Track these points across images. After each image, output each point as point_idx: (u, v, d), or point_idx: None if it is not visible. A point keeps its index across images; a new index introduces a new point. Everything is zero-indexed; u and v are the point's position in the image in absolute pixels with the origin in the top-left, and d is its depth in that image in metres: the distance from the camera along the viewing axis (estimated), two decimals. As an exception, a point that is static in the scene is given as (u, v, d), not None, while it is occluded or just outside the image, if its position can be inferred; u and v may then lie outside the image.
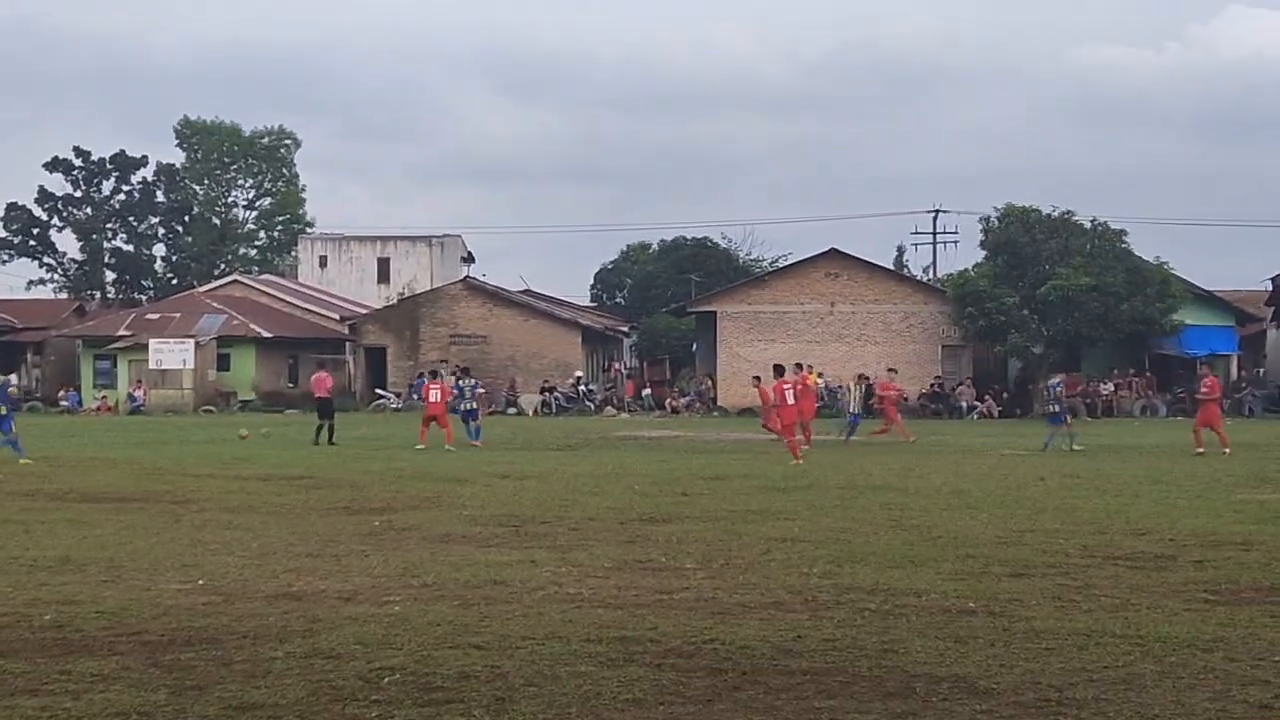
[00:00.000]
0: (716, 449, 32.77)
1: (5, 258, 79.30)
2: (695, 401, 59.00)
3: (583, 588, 12.04)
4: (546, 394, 60.15)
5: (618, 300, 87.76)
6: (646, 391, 62.23)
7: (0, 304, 72.88)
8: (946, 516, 17.71)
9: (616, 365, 70.30)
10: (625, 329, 78.06)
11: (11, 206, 78.08)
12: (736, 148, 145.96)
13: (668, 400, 59.80)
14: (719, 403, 58.17)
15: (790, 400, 29.19)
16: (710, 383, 59.74)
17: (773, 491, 21.26)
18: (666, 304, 74.88)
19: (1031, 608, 11.06)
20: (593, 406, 59.10)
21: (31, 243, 79.49)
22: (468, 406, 34.19)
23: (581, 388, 60.95)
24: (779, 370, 30.82)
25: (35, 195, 78.77)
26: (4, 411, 27.25)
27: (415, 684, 8.47)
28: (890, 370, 44.61)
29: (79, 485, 21.99)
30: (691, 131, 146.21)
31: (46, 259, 79.93)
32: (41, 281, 79.86)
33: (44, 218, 79.22)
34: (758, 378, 33.88)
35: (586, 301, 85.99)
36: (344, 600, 11.43)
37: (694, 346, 69.01)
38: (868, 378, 41.49)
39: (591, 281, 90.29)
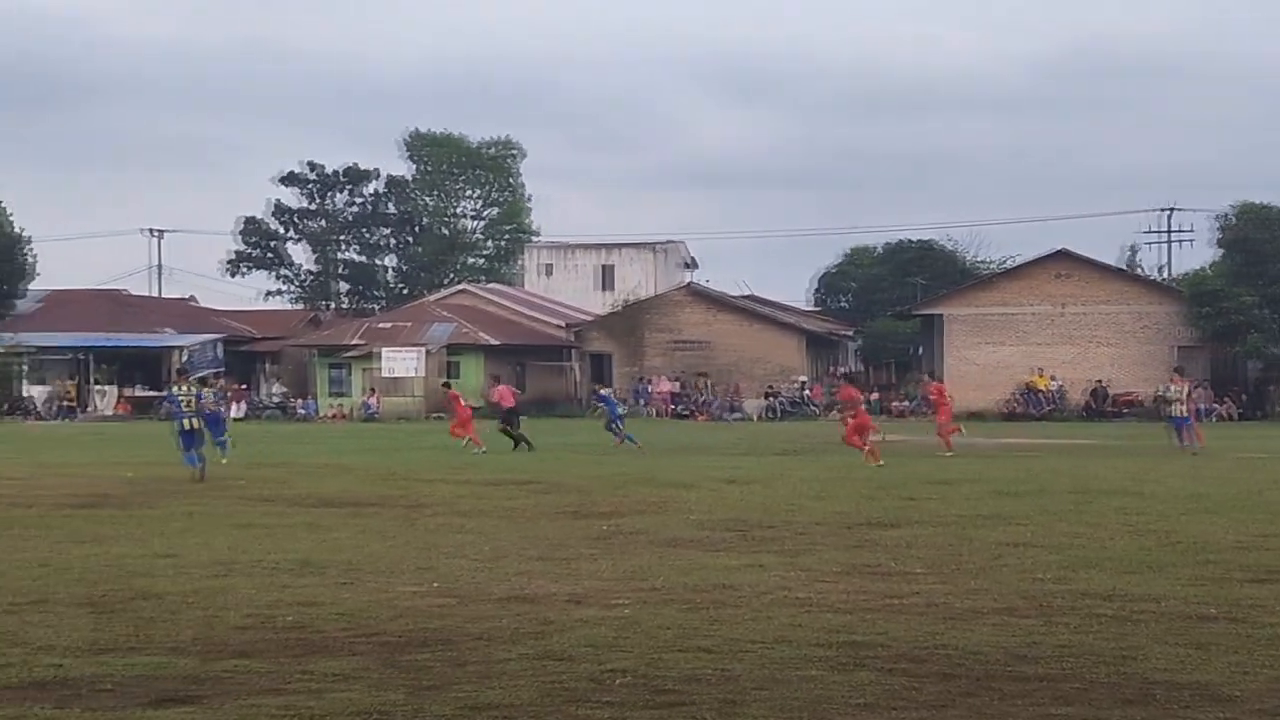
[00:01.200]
0: (942, 453, 32.34)
1: (243, 270, 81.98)
2: (919, 405, 58.33)
3: (810, 592, 11.99)
4: (770, 399, 60.06)
5: (841, 304, 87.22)
6: (874, 396, 61.71)
7: (238, 315, 75.30)
8: (1184, 521, 17.25)
9: (839, 370, 69.81)
10: (849, 333, 77.54)
11: (248, 220, 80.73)
12: (962, 149, 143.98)
13: (892, 404, 59.22)
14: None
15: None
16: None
17: (1002, 496, 20.91)
18: (890, 307, 74.18)
19: (1275, 613, 10.72)
20: (817, 411, 58.77)
21: (267, 255, 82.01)
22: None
23: (805, 392, 60.72)
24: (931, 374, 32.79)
25: (270, 209, 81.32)
26: (219, 411, 27.66)
27: (645, 686, 8.51)
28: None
29: (316, 490, 22.57)
30: (916, 133, 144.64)
31: (281, 271, 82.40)
32: (277, 293, 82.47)
33: (279, 231, 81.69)
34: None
35: (808, 305, 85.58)
36: (574, 603, 11.54)
37: (918, 350, 68.28)
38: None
39: (814, 285, 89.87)
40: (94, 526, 17.11)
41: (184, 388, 26.61)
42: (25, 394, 62.10)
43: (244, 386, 64.21)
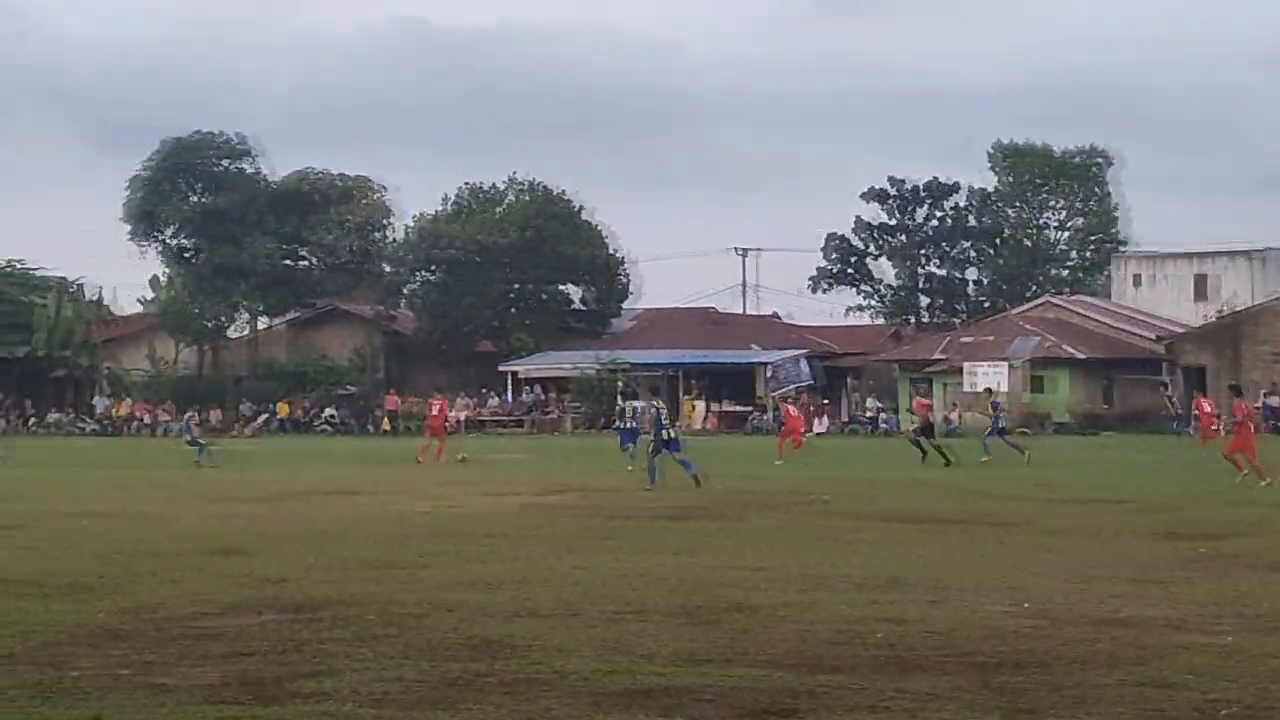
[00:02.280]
0: None
1: (826, 286, 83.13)
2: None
3: None
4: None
5: None
6: None
7: (822, 330, 76.50)
8: None
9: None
10: None
11: (831, 236, 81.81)
12: None
13: None
14: None
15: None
16: None
17: None
18: None
19: None
20: None
21: (850, 271, 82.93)
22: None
23: None
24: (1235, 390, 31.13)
25: (853, 225, 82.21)
26: (669, 436, 28.35)
27: (1251, 718, 8.03)
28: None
29: (900, 506, 22.60)
30: None
31: (864, 286, 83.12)
32: (860, 308, 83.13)
33: (861, 246, 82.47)
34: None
35: None
36: (1173, 628, 11.04)
37: None
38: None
39: None
40: (687, 539, 17.71)
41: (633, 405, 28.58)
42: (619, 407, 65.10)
43: (827, 402, 65.16)
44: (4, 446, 41.91)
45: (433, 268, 71.24)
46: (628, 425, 34.26)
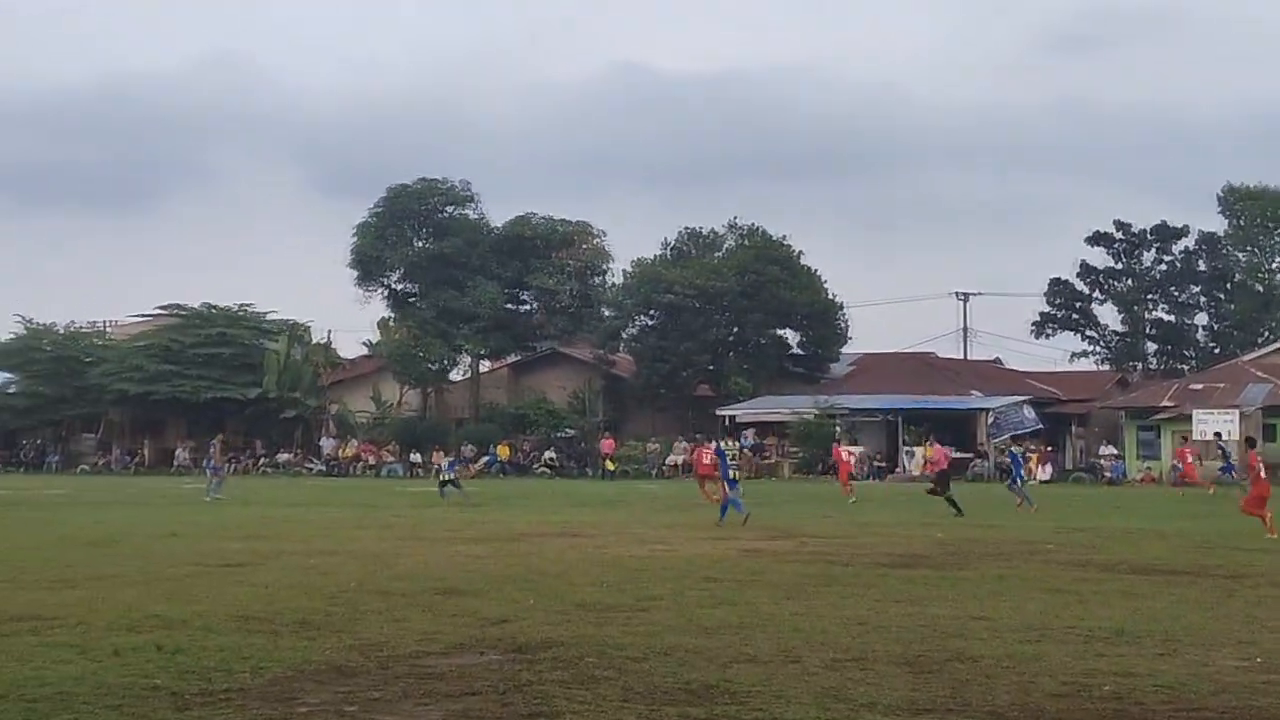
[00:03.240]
0: None
1: (1049, 332, 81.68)
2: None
3: None
4: None
5: None
6: None
7: (1044, 376, 75.21)
8: None
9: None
10: None
11: (1055, 281, 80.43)
12: None
13: None
14: None
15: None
16: None
17: None
18: None
19: None
20: None
21: (1074, 316, 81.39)
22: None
23: None
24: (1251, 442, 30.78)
25: (1077, 269, 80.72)
26: (733, 476, 30.48)
27: None
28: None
29: (1129, 556, 22.04)
30: None
31: (1088, 332, 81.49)
32: (1084, 354, 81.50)
33: (1085, 291, 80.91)
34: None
35: None
36: None
37: None
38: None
39: None
40: (909, 587, 17.50)
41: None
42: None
43: (1050, 449, 63.96)
44: (218, 488, 43.15)
45: (651, 312, 71.75)
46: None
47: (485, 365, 78.34)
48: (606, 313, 74.04)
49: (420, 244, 74.70)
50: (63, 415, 77.43)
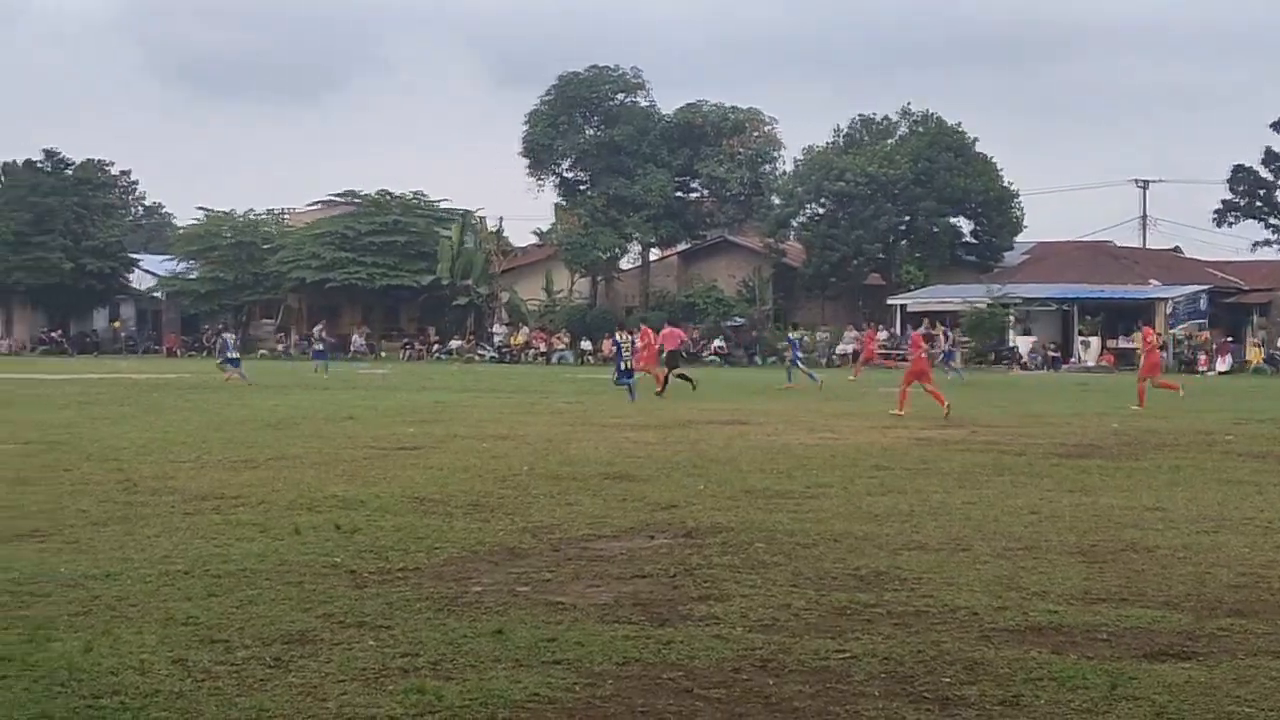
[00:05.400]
0: None
1: (1231, 220, 79.50)
2: None
3: None
4: None
5: None
6: None
7: (1225, 266, 73.33)
8: None
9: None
10: None
11: (1238, 168, 78.11)
12: None
13: None
14: None
15: None
16: None
17: None
18: None
19: None
20: None
21: (1257, 204, 79.06)
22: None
23: None
24: None
25: (1262, 156, 78.29)
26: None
27: None
28: None
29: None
30: None
31: (1271, 220, 79.17)
32: (1266, 243, 79.24)
33: (1270, 179, 78.50)
34: None
35: None
36: None
37: None
38: None
39: None
40: (1081, 477, 17.28)
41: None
42: (1011, 344, 63.98)
43: (1230, 340, 62.45)
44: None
45: (822, 200, 71.13)
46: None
47: (655, 254, 78.42)
48: (776, 201, 73.51)
49: (590, 132, 74.68)
50: (242, 301, 79.23)
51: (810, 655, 8.11)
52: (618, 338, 36.19)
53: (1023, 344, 63.60)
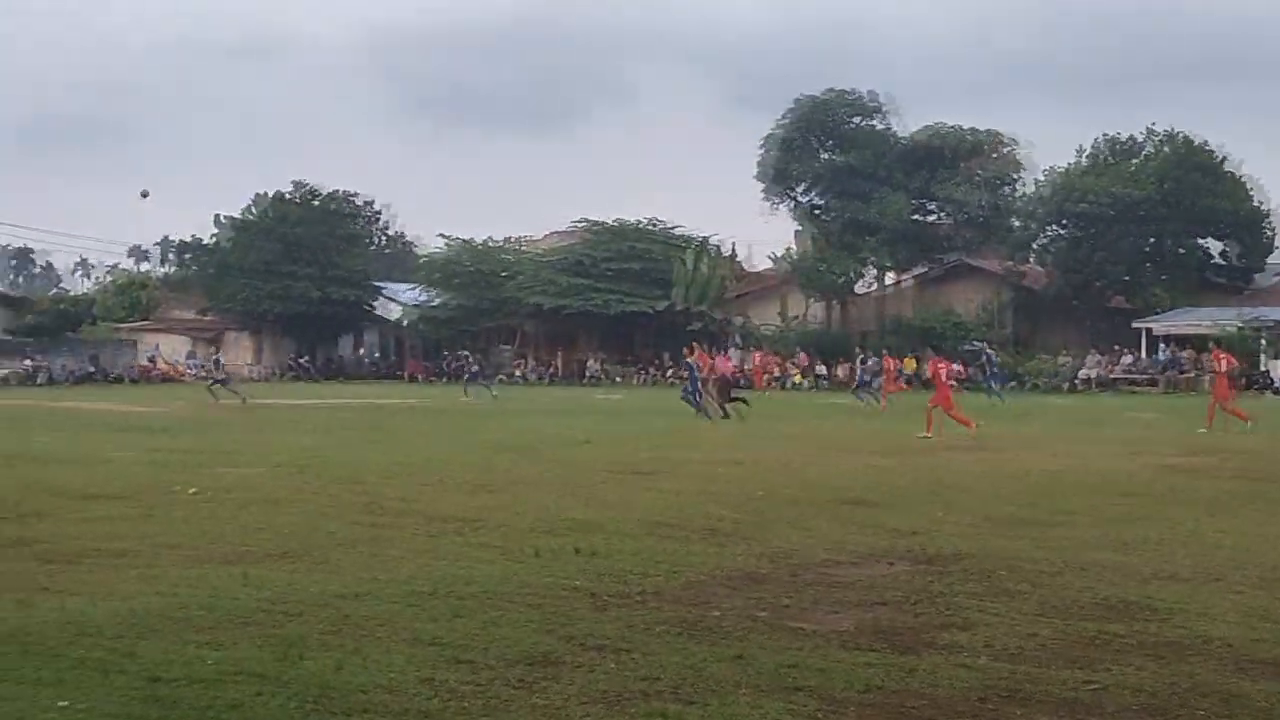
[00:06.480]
0: None
1: None
2: None
3: None
4: None
5: None
6: None
7: None
8: None
9: None
10: None
11: None
12: None
13: None
14: None
15: None
16: None
17: None
18: None
19: None
20: None
21: None
22: None
23: None
24: None
25: None
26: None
27: None
28: None
29: None
30: None
31: None
32: None
33: None
34: None
35: None
36: None
37: None
38: None
39: None
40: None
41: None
42: (1264, 368, 61.71)
43: None
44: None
45: (1065, 222, 69.68)
46: None
47: (892, 278, 77.68)
48: (1016, 223, 72.27)
49: (828, 156, 74.36)
50: (480, 326, 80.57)
51: (1059, 686, 7.91)
52: (688, 359, 38.21)
53: (1276, 369, 61.36)
